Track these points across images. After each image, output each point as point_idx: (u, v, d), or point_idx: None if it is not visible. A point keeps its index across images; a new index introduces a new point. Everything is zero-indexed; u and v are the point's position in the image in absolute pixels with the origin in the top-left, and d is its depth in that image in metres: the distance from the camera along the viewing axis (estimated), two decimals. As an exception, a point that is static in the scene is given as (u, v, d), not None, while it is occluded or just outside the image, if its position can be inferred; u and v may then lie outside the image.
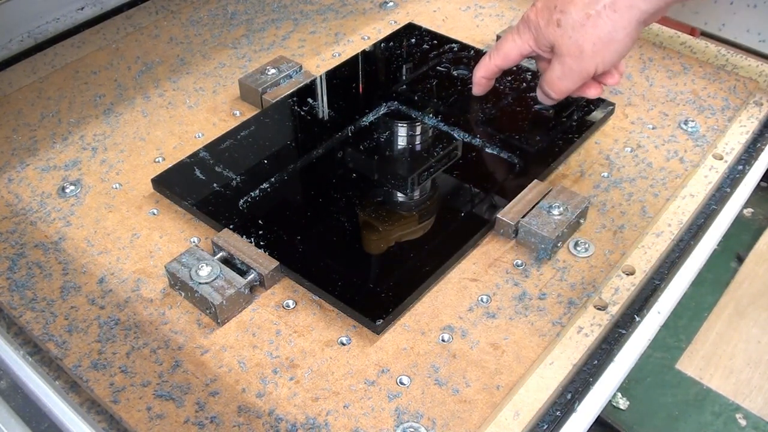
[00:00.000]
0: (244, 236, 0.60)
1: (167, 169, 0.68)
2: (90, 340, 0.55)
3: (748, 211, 1.04)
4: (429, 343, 0.54)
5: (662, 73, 0.80)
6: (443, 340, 0.54)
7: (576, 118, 0.72)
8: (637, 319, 0.57)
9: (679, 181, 0.67)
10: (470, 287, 0.58)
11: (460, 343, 0.54)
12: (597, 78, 0.64)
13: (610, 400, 0.63)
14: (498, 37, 0.83)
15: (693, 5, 0.82)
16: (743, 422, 0.80)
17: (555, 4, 0.59)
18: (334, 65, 0.81)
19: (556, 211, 0.61)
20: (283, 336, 0.55)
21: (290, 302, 0.57)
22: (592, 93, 0.66)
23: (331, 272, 0.58)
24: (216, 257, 0.58)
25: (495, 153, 0.69)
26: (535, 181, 0.65)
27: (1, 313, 0.58)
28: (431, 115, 0.72)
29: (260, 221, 0.62)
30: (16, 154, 0.72)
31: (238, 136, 0.71)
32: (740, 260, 0.96)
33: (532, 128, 0.71)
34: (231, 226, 0.61)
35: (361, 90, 0.79)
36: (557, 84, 0.63)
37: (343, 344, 0.55)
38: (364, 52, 0.82)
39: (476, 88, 0.71)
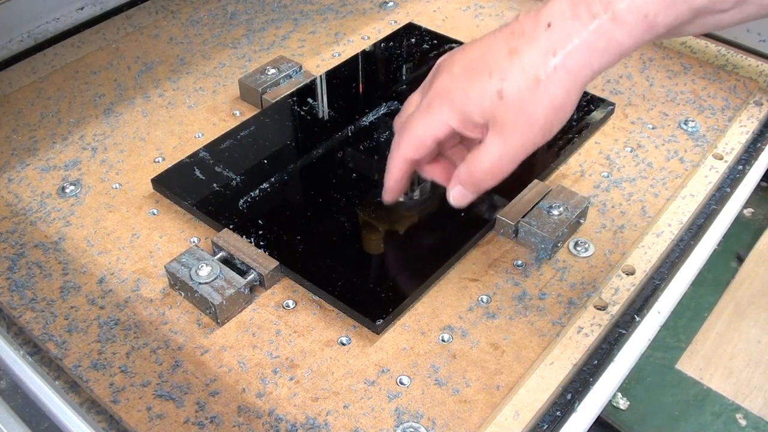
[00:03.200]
0: (244, 236, 0.60)
1: (167, 169, 0.68)
2: (90, 340, 0.55)
3: (748, 211, 1.03)
4: (429, 343, 0.54)
5: (662, 73, 0.80)
6: (443, 340, 0.54)
7: (576, 118, 0.72)
8: (637, 319, 0.57)
9: (679, 181, 0.67)
10: (470, 287, 0.58)
11: (460, 343, 0.54)
12: None
13: (610, 400, 0.63)
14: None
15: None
16: (743, 422, 0.80)
17: (487, 69, 0.47)
18: (334, 65, 0.81)
19: (556, 211, 0.61)
20: (283, 336, 0.55)
21: (290, 302, 0.57)
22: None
23: (331, 272, 0.58)
24: (216, 257, 0.58)
25: (495, 153, 0.69)
26: (535, 181, 0.65)
27: (1, 313, 0.58)
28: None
29: (260, 221, 0.62)
30: (16, 154, 0.72)
31: (238, 136, 0.71)
32: (740, 260, 0.96)
33: (532, 128, 0.71)
34: (231, 226, 0.61)
35: (361, 90, 0.79)
36: (499, 168, 0.49)
37: (343, 344, 0.55)
38: (364, 52, 0.82)
39: (389, 195, 0.55)
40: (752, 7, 0.44)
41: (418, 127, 0.51)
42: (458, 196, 0.52)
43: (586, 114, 0.73)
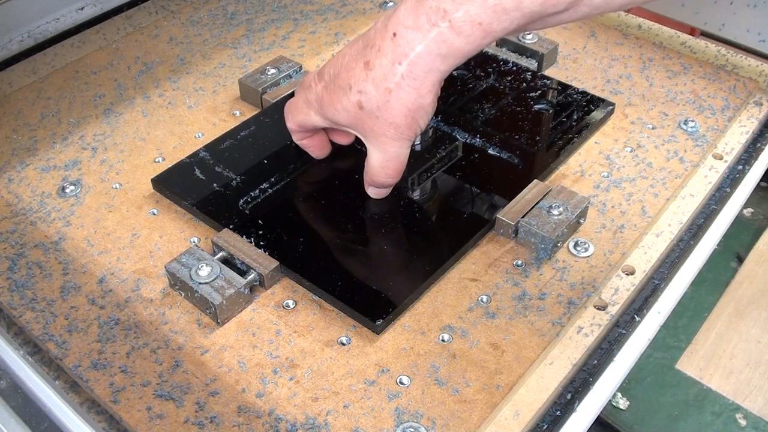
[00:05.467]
0: (244, 236, 0.60)
1: (167, 169, 0.68)
2: (90, 340, 0.55)
3: (748, 211, 1.03)
4: (429, 343, 0.54)
5: (662, 73, 0.80)
6: (443, 340, 0.54)
7: (576, 118, 0.72)
8: (637, 319, 0.57)
9: (679, 181, 0.67)
10: (470, 287, 0.58)
11: (460, 343, 0.54)
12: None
13: (610, 400, 0.63)
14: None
15: (693, 5, 0.82)
16: (743, 422, 0.80)
17: (348, 83, 0.52)
18: (334, 65, 0.81)
19: (555, 211, 0.61)
20: (283, 336, 0.55)
21: (290, 302, 0.57)
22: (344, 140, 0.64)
23: (331, 272, 0.58)
24: (216, 257, 0.58)
25: (495, 153, 0.69)
26: (535, 181, 0.65)
27: (1, 313, 0.58)
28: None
29: (260, 221, 0.62)
30: (16, 154, 0.72)
31: (238, 136, 0.71)
32: (740, 260, 0.96)
33: (532, 128, 0.71)
34: (231, 226, 0.61)
35: None
36: (392, 168, 0.56)
37: (343, 344, 0.55)
38: (364, 52, 0.82)
39: (312, 153, 0.65)
40: (585, 8, 0.46)
41: (299, 114, 0.59)
42: (375, 193, 0.60)
43: (586, 114, 0.73)
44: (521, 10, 0.45)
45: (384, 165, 0.56)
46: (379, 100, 0.51)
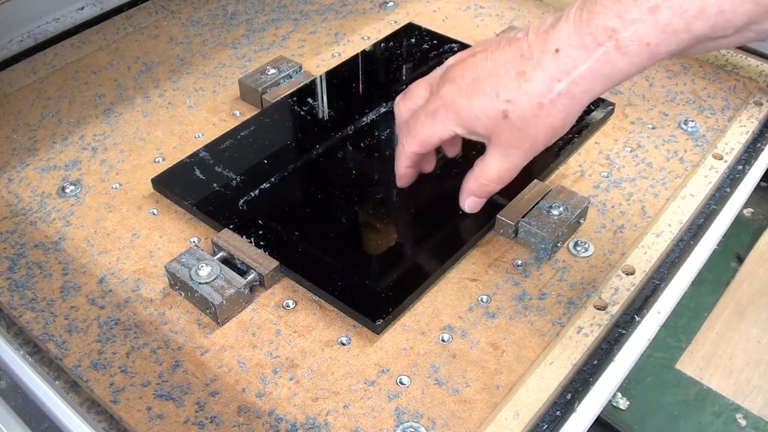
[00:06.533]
0: (244, 236, 0.60)
1: (167, 169, 0.68)
2: (90, 340, 0.55)
3: (748, 211, 1.03)
4: (429, 343, 0.54)
5: (662, 73, 0.80)
6: (443, 340, 0.54)
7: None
8: (637, 319, 0.57)
9: (679, 181, 0.67)
10: (470, 287, 0.58)
11: (460, 343, 0.54)
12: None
13: (610, 400, 0.63)
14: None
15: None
16: (743, 422, 0.80)
17: (495, 90, 0.50)
18: (334, 65, 0.81)
19: (556, 211, 0.61)
20: (283, 336, 0.55)
21: (290, 302, 0.57)
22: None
23: (331, 272, 0.58)
24: (216, 257, 0.58)
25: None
26: (535, 181, 0.65)
27: (1, 313, 0.58)
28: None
29: (260, 221, 0.62)
30: (16, 154, 0.72)
31: (238, 136, 0.71)
32: (740, 260, 0.96)
33: (532, 128, 0.71)
34: (231, 226, 0.61)
35: (361, 90, 0.78)
36: (506, 177, 0.54)
37: (343, 344, 0.55)
38: (364, 52, 0.82)
39: (402, 181, 0.60)
40: (751, 34, 0.45)
41: (423, 130, 0.54)
42: (473, 205, 0.57)
43: (586, 114, 0.73)
44: (690, 32, 0.44)
45: (503, 175, 0.54)
46: (528, 113, 0.49)
